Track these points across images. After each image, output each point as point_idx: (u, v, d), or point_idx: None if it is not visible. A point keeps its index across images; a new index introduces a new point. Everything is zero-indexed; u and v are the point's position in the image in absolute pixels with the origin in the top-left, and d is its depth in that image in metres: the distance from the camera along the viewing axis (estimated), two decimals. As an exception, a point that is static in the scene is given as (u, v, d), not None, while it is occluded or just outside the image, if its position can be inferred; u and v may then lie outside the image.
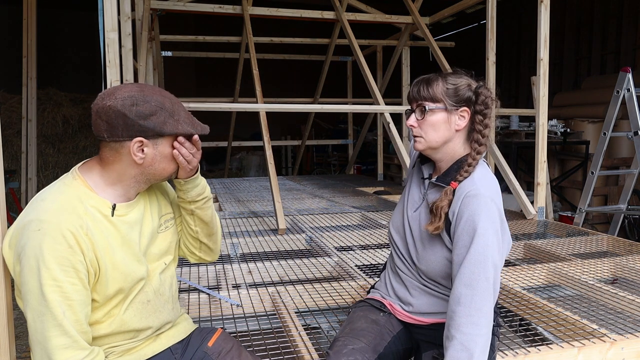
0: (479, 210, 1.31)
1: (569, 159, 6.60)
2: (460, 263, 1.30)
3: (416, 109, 1.42)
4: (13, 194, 5.97)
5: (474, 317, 1.25)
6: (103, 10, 2.68)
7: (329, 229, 3.62)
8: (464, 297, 1.26)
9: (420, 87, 1.41)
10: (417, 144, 1.43)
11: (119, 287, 1.22)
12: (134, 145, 1.18)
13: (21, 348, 2.72)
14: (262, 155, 9.16)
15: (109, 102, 1.17)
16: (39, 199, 1.18)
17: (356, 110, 5.09)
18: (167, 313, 1.37)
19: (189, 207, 1.39)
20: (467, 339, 1.23)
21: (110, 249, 1.20)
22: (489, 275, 1.28)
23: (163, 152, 1.23)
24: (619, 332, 1.82)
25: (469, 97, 1.39)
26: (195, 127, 1.26)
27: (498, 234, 1.32)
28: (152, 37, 5.38)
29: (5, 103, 7.75)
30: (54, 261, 1.10)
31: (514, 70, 10.08)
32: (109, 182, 1.23)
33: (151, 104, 1.18)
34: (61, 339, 1.10)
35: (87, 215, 1.17)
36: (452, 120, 1.39)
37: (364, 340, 1.42)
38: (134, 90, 1.19)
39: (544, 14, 3.95)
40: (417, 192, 1.51)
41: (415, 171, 1.57)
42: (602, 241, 3.28)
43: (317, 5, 6.82)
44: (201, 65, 12.79)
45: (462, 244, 1.31)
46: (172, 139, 1.23)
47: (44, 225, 1.11)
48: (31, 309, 1.11)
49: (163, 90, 1.26)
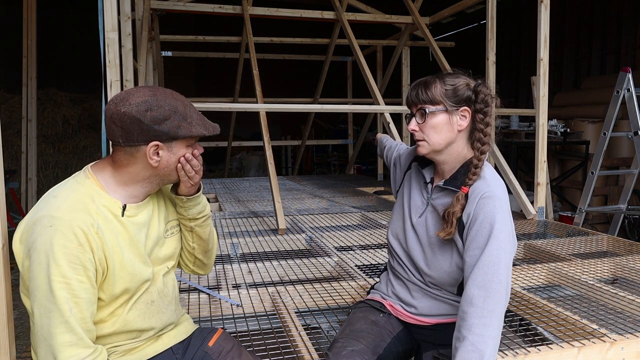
0: (495, 212, 1.31)
1: (569, 159, 6.60)
2: (473, 265, 1.29)
3: (416, 113, 1.41)
4: (13, 194, 5.97)
5: (486, 319, 1.24)
6: (103, 10, 2.67)
7: (329, 229, 3.62)
8: (477, 299, 1.26)
9: (419, 91, 1.40)
10: (421, 148, 1.41)
11: (125, 286, 1.23)
12: (150, 150, 1.20)
13: (21, 348, 2.72)
14: (262, 155, 9.15)
15: (124, 109, 1.18)
16: (51, 195, 1.19)
17: (356, 110, 5.09)
18: (170, 314, 1.38)
19: (189, 225, 1.40)
20: (479, 340, 1.22)
21: (119, 249, 1.21)
22: (501, 277, 1.27)
23: (177, 154, 1.25)
24: (619, 332, 1.82)
25: (469, 97, 1.38)
26: (207, 128, 1.27)
27: (511, 237, 1.32)
28: (152, 37, 5.38)
29: (5, 103, 7.75)
30: (63, 258, 1.10)
31: (514, 70, 10.08)
32: (120, 183, 1.24)
33: (165, 108, 1.20)
34: (67, 336, 1.11)
35: (98, 214, 1.18)
36: (454, 121, 1.38)
37: (363, 342, 1.41)
38: (147, 95, 1.20)
39: (544, 14, 3.95)
40: (418, 197, 1.49)
41: (413, 176, 1.55)
42: (602, 241, 3.28)
43: (317, 5, 6.82)
44: (201, 65, 12.79)
45: (476, 245, 1.31)
46: (186, 141, 1.25)
47: (55, 221, 1.12)
48: (38, 304, 1.11)
49: (174, 92, 1.27)
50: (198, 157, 1.28)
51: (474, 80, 1.41)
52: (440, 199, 1.43)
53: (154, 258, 1.32)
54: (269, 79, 8.28)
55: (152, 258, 1.31)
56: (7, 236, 1.47)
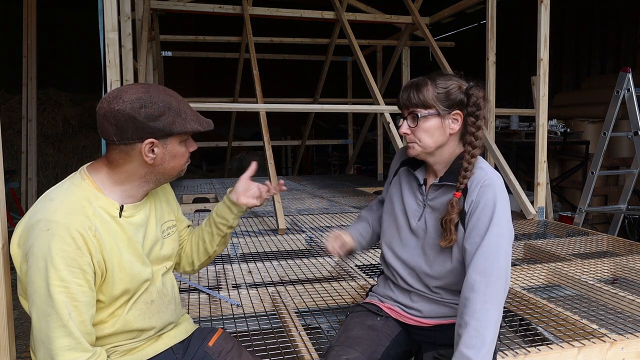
0: (495, 199, 1.33)
1: (569, 159, 6.60)
2: (474, 252, 1.31)
3: (408, 116, 1.40)
4: (13, 194, 5.97)
5: (488, 304, 1.25)
6: (103, 10, 2.67)
7: (329, 229, 3.61)
8: (478, 284, 1.26)
9: (410, 94, 1.38)
10: (411, 150, 1.42)
11: (125, 287, 1.23)
12: (146, 147, 1.19)
13: (21, 348, 2.72)
14: (262, 155, 9.15)
15: (117, 106, 1.17)
16: (47, 198, 1.18)
17: (356, 110, 5.10)
18: (170, 314, 1.38)
19: (225, 231, 1.49)
20: (482, 325, 1.23)
21: (117, 250, 1.20)
22: (502, 263, 1.29)
23: (172, 151, 1.24)
24: (619, 332, 1.82)
25: (461, 100, 1.38)
26: (201, 123, 1.27)
27: (510, 224, 1.34)
28: (152, 37, 5.38)
29: (5, 103, 7.75)
30: (61, 262, 1.10)
31: (514, 70, 10.08)
32: (117, 183, 1.24)
33: (159, 104, 1.19)
34: (65, 340, 1.10)
35: (95, 216, 1.18)
36: (446, 124, 1.38)
37: (358, 349, 1.39)
38: (140, 92, 1.19)
39: (544, 14, 3.95)
40: (413, 201, 1.48)
41: (403, 180, 1.53)
42: (602, 241, 3.28)
43: (317, 5, 6.81)
44: (201, 65, 12.77)
45: (477, 232, 1.32)
46: (180, 137, 1.24)
47: (52, 225, 1.11)
48: (37, 308, 1.11)
49: (167, 88, 1.26)
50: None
51: (466, 82, 1.41)
52: (439, 198, 1.42)
53: (152, 258, 1.32)
54: (269, 79, 8.28)
55: (150, 258, 1.31)
56: (7, 236, 1.47)
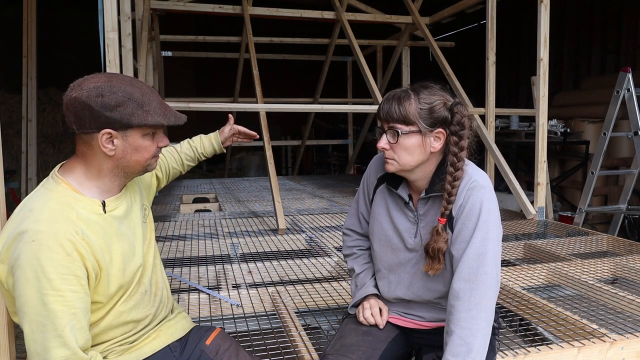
0: (482, 201, 1.29)
1: (569, 159, 6.60)
2: (460, 258, 1.29)
3: (388, 131, 1.32)
4: (13, 194, 5.97)
5: (473, 312, 1.23)
6: (103, 11, 2.67)
7: (329, 229, 3.62)
8: (463, 292, 1.25)
9: (392, 107, 1.30)
10: (389, 166, 1.35)
11: (119, 284, 1.23)
12: (102, 137, 1.16)
13: (21, 348, 2.72)
14: (262, 155, 9.15)
15: (75, 94, 1.15)
16: (25, 209, 1.15)
17: (356, 110, 5.09)
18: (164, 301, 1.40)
19: (209, 155, 1.78)
20: (467, 333, 1.22)
21: (107, 248, 1.20)
22: (487, 269, 1.26)
23: (133, 144, 1.20)
24: (619, 332, 1.82)
25: (445, 118, 1.30)
26: (167, 117, 1.22)
27: (497, 225, 1.31)
28: (152, 37, 5.38)
29: (5, 103, 7.75)
30: (53, 271, 1.08)
31: (514, 70, 10.08)
32: (92, 178, 1.21)
33: (118, 94, 1.15)
34: (61, 350, 1.09)
35: (79, 219, 1.16)
36: (427, 142, 1.30)
37: (353, 357, 1.37)
38: (101, 81, 1.17)
39: (544, 14, 3.95)
40: (404, 220, 1.41)
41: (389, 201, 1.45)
42: (602, 241, 3.28)
43: (317, 5, 6.81)
44: (201, 65, 12.77)
45: (462, 238, 1.30)
46: (142, 130, 1.20)
47: (38, 235, 1.09)
48: (29, 320, 1.08)
49: (135, 79, 1.23)
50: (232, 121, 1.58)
51: (451, 98, 1.34)
52: (430, 210, 1.38)
53: (140, 243, 1.32)
54: (269, 79, 8.28)
55: (138, 244, 1.31)
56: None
